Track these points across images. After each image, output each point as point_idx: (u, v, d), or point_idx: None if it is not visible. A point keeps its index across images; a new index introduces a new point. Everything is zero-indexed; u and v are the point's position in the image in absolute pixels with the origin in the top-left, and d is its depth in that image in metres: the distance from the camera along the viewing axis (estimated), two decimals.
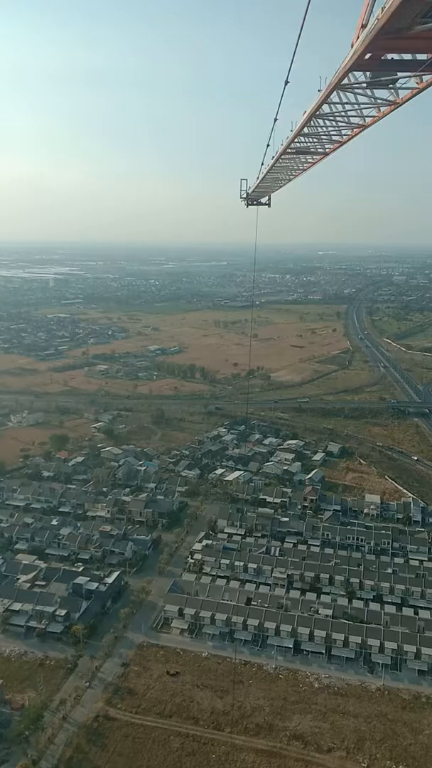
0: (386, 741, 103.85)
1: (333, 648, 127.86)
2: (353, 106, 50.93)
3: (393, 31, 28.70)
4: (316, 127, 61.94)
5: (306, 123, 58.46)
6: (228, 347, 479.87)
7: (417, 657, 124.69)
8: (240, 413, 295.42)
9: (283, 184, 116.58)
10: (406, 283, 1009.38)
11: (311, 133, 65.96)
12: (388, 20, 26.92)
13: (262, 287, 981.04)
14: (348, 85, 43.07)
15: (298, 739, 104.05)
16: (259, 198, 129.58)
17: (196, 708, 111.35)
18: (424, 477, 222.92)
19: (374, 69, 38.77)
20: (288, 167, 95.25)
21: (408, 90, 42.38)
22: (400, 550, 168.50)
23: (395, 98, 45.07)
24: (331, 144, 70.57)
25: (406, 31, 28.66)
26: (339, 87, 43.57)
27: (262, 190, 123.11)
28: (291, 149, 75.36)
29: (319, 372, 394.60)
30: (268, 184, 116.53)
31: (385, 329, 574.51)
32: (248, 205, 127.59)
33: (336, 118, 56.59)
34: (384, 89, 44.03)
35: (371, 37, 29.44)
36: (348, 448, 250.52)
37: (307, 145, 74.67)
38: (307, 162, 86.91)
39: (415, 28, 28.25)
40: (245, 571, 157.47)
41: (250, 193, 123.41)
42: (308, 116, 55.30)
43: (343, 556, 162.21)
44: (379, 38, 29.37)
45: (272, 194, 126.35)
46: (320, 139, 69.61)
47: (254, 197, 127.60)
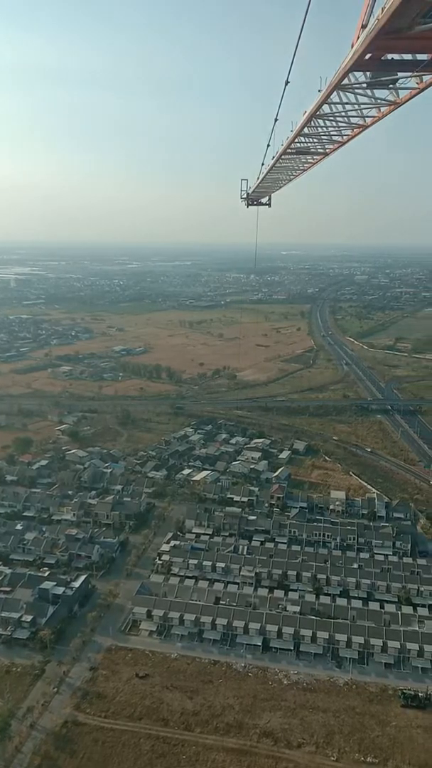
0: (354, 734, 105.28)
1: (301, 644, 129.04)
2: (353, 106, 51.04)
3: (393, 31, 28.92)
4: (317, 128, 62.16)
5: (306, 123, 58.38)
6: (194, 347, 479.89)
7: (383, 650, 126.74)
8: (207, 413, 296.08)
9: (284, 185, 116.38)
10: (367, 283, 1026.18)
11: (311, 133, 66.21)
12: (388, 20, 27.16)
13: (227, 287, 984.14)
14: (348, 85, 43.35)
15: (268, 736, 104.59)
16: (260, 198, 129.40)
17: (165, 709, 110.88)
18: (388, 473, 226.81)
19: (374, 69, 38.97)
20: (288, 167, 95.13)
21: (408, 90, 42.68)
22: (366, 545, 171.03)
23: (395, 98, 45.28)
24: (332, 144, 70.83)
25: (406, 31, 28.83)
26: (339, 87, 43.89)
27: (263, 190, 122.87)
28: (291, 149, 75.47)
29: (285, 371, 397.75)
30: (269, 185, 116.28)
31: (348, 328, 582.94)
32: (248, 205, 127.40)
33: (336, 118, 56.75)
34: (384, 89, 44.24)
35: (371, 37, 29.65)
36: (313, 445, 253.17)
37: (308, 145, 74.85)
38: (307, 162, 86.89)
39: (415, 28, 28.48)
40: (213, 570, 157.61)
41: (250, 194, 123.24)
42: (308, 116, 55.20)
43: (310, 553, 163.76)
44: (379, 38, 29.61)
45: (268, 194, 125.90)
46: (320, 139, 69.83)
47: (254, 197, 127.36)
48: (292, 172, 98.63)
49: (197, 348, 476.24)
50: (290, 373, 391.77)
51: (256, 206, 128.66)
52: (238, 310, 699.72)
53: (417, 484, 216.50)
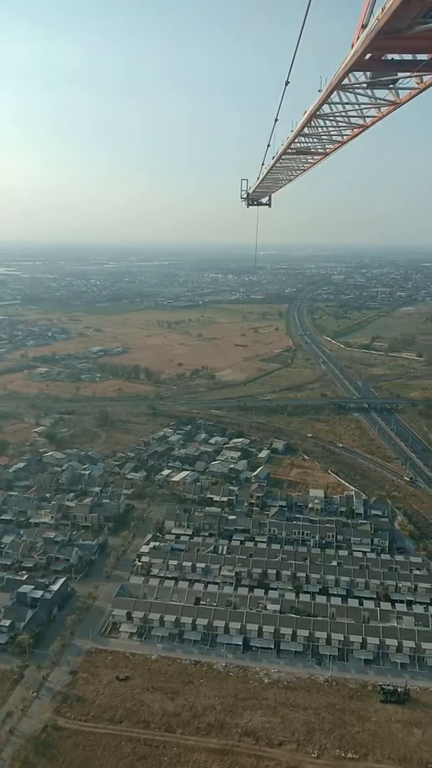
0: (335, 730, 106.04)
1: (282, 642, 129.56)
2: (353, 106, 50.95)
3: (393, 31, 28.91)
4: (317, 128, 61.99)
5: (306, 123, 58.19)
6: (172, 347, 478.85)
7: (363, 647, 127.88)
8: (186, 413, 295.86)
9: (284, 185, 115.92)
10: (344, 282, 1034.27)
11: (312, 133, 66.05)
12: (388, 20, 27.15)
13: (205, 287, 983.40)
14: (348, 85, 43.24)
15: (250, 735, 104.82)
16: (260, 198, 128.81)
17: (146, 711, 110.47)
18: (366, 470, 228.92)
19: (374, 69, 38.91)
20: (288, 167, 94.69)
21: (408, 90, 42.69)
22: (344, 542, 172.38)
23: (395, 98, 45.28)
24: (332, 144, 70.70)
25: (406, 31, 28.83)
26: (339, 87, 43.76)
27: (263, 190, 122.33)
28: (291, 149, 75.28)
29: (263, 370, 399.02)
30: (269, 185, 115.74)
31: (325, 327, 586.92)
32: (249, 205, 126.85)
33: (336, 118, 56.63)
34: (384, 89, 44.16)
35: (371, 37, 29.61)
36: (292, 444, 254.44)
37: (308, 146, 74.68)
38: (307, 162, 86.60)
39: (415, 28, 28.48)
40: (193, 571, 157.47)
41: (250, 193, 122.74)
42: (309, 116, 55.02)
43: (290, 551, 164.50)
44: (379, 38, 29.59)
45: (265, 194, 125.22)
46: (320, 139, 69.68)
47: (255, 197, 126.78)
48: (293, 172, 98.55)
49: (175, 348, 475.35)
50: (269, 373, 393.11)
51: (257, 206, 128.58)
52: (216, 310, 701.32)
53: (394, 481, 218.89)
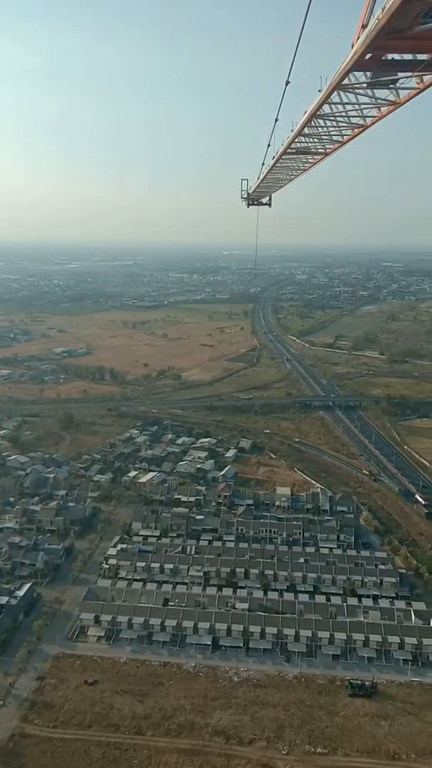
0: (304, 726, 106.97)
1: (250, 641, 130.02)
2: (354, 106, 50.80)
3: (393, 31, 28.82)
4: (317, 127, 61.76)
5: (307, 123, 57.99)
6: (138, 348, 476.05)
7: (330, 642, 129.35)
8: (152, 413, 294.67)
9: (284, 184, 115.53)
10: (307, 282, 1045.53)
11: (312, 133, 65.87)
12: (388, 20, 27.08)
13: (170, 287, 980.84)
14: (348, 85, 43.08)
15: (220, 735, 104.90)
16: (260, 198, 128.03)
17: (116, 715, 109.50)
18: (331, 467, 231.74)
19: (374, 69, 38.75)
20: (289, 167, 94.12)
21: (408, 90, 42.64)
22: (311, 539, 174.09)
23: (396, 98, 45.24)
24: (332, 144, 70.61)
25: (406, 31, 28.77)
26: (339, 87, 43.60)
27: (263, 190, 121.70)
28: (291, 149, 75.05)
29: (229, 370, 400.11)
30: (269, 184, 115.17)
31: (290, 327, 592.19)
32: (249, 205, 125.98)
33: (336, 118, 56.47)
34: (384, 89, 44.04)
35: (371, 37, 29.52)
36: (259, 443, 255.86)
37: (308, 145, 74.51)
38: (307, 162, 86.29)
39: (416, 28, 28.45)
40: (162, 572, 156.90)
41: (251, 193, 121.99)
42: (309, 116, 54.82)
43: (257, 549, 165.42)
44: (379, 38, 29.51)
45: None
46: (321, 139, 69.51)
47: (255, 197, 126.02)
48: (293, 172, 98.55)
49: (141, 348, 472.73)
50: (235, 372, 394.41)
51: (257, 206, 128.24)
52: (181, 309, 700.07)
53: (359, 477, 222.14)
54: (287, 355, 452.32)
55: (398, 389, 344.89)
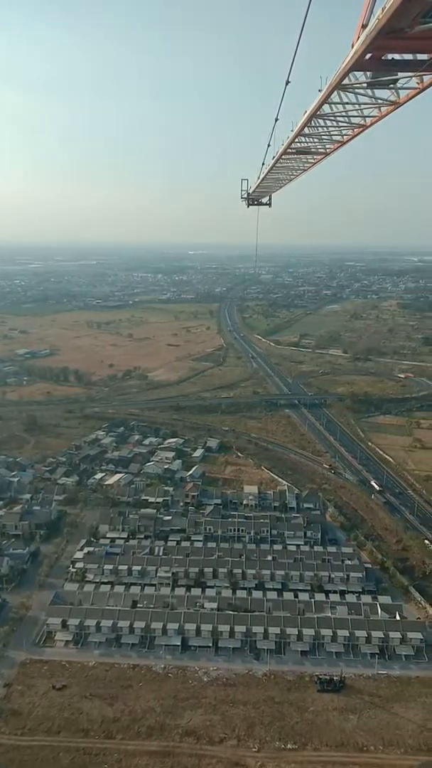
0: (274, 723, 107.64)
1: (220, 640, 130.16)
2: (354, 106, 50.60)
3: (393, 31, 28.84)
4: (317, 127, 61.48)
5: (306, 123, 57.72)
6: (102, 348, 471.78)
7: (299, 638, 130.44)
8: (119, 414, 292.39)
9: (284, 184, 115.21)
10: (272, 282, 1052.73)
11: (312, 133, 65.61)
12: (388, 20, 27.10)
13: (135, 287, 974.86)
14: (348, 85, 42.90)
15: (190, 735, 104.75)
16: (260, 198, 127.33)
17: (85, 719, 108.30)
18: (297, 465, 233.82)
19: (374, 69, 38.58)
20: (289, 167, 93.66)
21: (408, 90, 42.62)
22: (279, 536, 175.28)
23: (396, 98, 45.21)
24: (332, 144, 70.40)
25: (406, 31, 28.79)
26: (339, 87, 43.41)
27: (263, 190, 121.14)
28: (291, 149, 74.74)
29: (196, 370, 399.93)
30: (269, 184, 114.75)
31: (256, 326, 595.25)
32: (249, 205, 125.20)
33: (336, 118, 56.17)
34: (384, 89, 43.94)
35: (371, 37, 29.50)
36: (226, 442, 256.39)
37: (308, 145, 74.25)
38: (307, 162, 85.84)
39: (416, 28, 28.47)
40: (129, 574, 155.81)
41: (250, 193, 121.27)
42: (309, 116, 54.54)
43: (226, 548, 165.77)
44: (379, 38, 29.50)
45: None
46: (321, 139, 69.21)
47: (255, 197, 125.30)
48: (293, 172, 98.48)
49: (106, 349, 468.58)
50: (201, 372, 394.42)
51: (257, 206, 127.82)
52: (147, 309, 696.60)
53: (324, 474, 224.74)
54: (253, 354, 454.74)
55: (362, 387, 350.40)
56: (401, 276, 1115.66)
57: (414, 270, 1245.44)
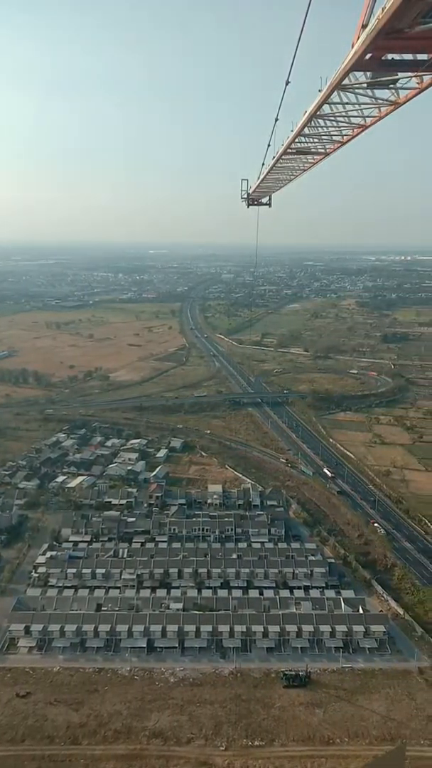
0: (241, 721, 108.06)
1: (186, 640, 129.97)
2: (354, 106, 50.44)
3: (393, 31, 28.79)
4: (317, 127, 61.24)
5: (306, 123, 57.48)
6: (62, 349, 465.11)
7: (264, 635, 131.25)
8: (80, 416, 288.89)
9: (284, 184, 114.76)
10: (233, 281, 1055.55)
11: (312, 133, 65.41)
12: (388, 20, 27.06)
13: (95, 286, 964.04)
14: (348, 85, 42.78)
15: (158, 737, 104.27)
16: (260, 198, 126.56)
17: (50, 726, 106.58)
18: (260, 463, 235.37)
19: (374, 69, 38.47)
20: (289, 167, 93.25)
21: (408, 90, 42.58)
22: (243, 534, 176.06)
23: (396, 98, 45.15)
24: (332, 144, 70.22)
25: (406, 31, 28.77)
26: (339, 87, 43.27)
27: (263, 190, 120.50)
28: (291, 149, 74.49)
29: (158, 369, 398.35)
30: (270, 184, 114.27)
31: (218, 325, 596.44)
32: (249, 205, 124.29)
33: (336, 118, 56.02)
34: (384, 89, 43.84)
35: (371, 37, 29.42)
36: (190, 442, 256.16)
37: (308, 145, 74.00)
38: (307, 162, 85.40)
39: (416, 28, 28.46)
40: (93, 577, 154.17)
41: (251, 194, 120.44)
42: (309, 116, 54.32)
43: (191, 548, 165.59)
44: (379, 38, 29.45)
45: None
46: (321, 139, 69.07)
47: (255, 197, 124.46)
48: (293, 172, 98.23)
49: (66, 350, 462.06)
50: (164, 372, 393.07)
51: (257, 206, 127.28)
52: (107, 309, 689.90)
53: (287, 471, 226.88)
54: (216, 353, 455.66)
55: (322, 384, 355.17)
56: (359, 275, 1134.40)
57: (372, 269, 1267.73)
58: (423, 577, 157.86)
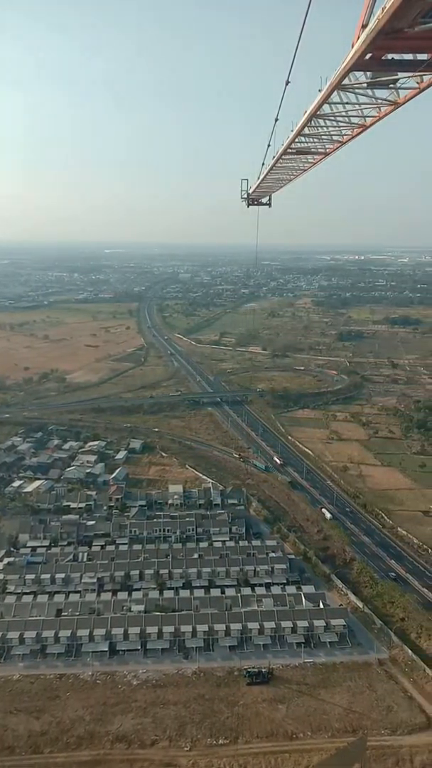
0: (205, 720, 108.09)
1: (148, 642, 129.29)
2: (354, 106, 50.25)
3: (393, 31, 28.85)
4: (317, 127, 60.89)
5: (306, 123, 57.12)
6: (16, 350, 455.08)
7: (227, 634, 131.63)
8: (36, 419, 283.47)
9: (284, 184, 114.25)
10: (191, 281, 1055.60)
11: (312, 133, 65.07)
12: (388, 20, 27.12)
13: (50, 286, 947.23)
14: (348, 85, 42.65)
15: (121, 741, 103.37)
16: (260, 198, 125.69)
17: (10, 736, 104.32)
18: (221, 462, 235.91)
19: (375, 69, 38.40)
20: (289, 167, 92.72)
21: (408, 90, 42.58)
22: (204, 534, 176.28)
23: (396, 98, 45.12)
24: (332, 144, 69.94)
25: (406, 31, 28.80)
26: (339, 87, 43.13)
27: (264, 190, 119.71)
28: (291, 149, 74.14)
29: (116, 370, 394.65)
30: (270, 184, 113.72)
31: (176, 325, 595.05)
32: (249, 205, 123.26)
33: (336, 118, 55.71)
34: (384, 89, 43.75)
35: (371, 37, 29.43)
36: (149, 442, 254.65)
37: (308, 145, 73.72)
38: (307, 162, 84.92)
39: (416, 28, 28.52)
40: (53, 582, 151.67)
41: (250, 194, 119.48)
42: (309, 116, 54.01)
43: (152, 550, 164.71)
44: (379, 38, 29.49)
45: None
46: (321, 139, 68.75)
47: (255, 197, 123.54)
48: (293, 172, 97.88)
49: (20, 351, 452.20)
50: (122, 372, 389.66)
51: (257, 206, 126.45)
52: (63, 310, 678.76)
53: (247, 469, 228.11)
54: (174, 353, 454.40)
55: (280, 382, 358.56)
56: (315, 274, 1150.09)
57: (327, 268, 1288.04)
58: (381, 570, 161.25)
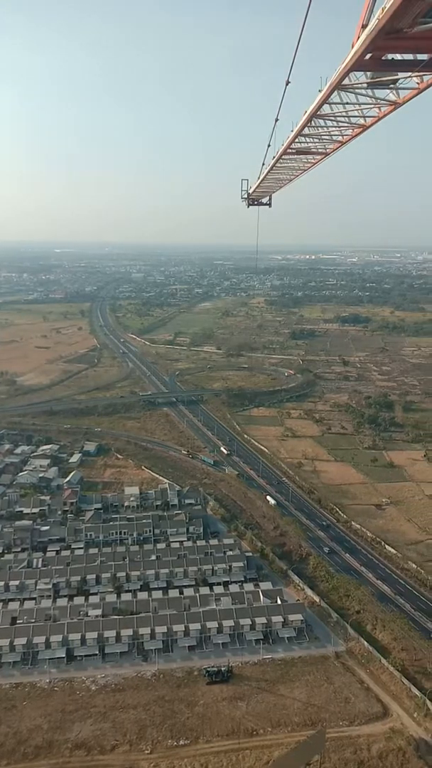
0: (166, 722, 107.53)
1: (106, 646, 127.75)
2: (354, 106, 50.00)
3: (393, 31, 28.61)
4: (317, 127, 60.51)
5: (306, 123, 56.68)
6: None
7: (186, 634, 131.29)
8: None
9: (285, 184, 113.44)
10: (144, 281, 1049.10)
11: (312, 133, 64.70)
12: (388, 20, 26.88)
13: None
14: (349, 85, 42.34)
15: (81, 747, 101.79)
16: (260, 198, 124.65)
17: None
18: (177, 462, 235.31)
19: (375, 69, 38.13)
20: (289, 167, 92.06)
21: (408, 90, 42.45)
22: (162, 535, 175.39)
23: (396, 98, 44.95)
24: (332, 144, 69.60)
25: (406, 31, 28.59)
26: (339, 87, 42.82)
27: (264, 190, 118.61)
28: (291, 149, 73.75)
29: (69, 372, 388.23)
30: (270, 184, 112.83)
31: (129, 325, 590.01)
32: (249, 205, 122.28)
33: (336, 118, 55.45)
34: (384, 89, 43.53)
35: (371, 37, 29.13)
36: (104, 444, 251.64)
37: (308, 145, 73.41)
38: (308, 162, 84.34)
39: (416, 28, 28.35)
40: (7, 590, 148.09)
41: (251, 194, 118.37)
42: (309, 116, 53.58)
43: (108, 553, 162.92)
44: (379, 38, 29.19)
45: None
46: (321, 139, 68.47)
47: (255, 197, 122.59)
48: (293, 172, 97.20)
49: None
50: (75, 374, 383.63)
51: (257, 206, 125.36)
52: (12, 311, 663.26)
53: (204, 469, 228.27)
54: (128, 353, 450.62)
55: (235, 381, 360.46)
56: (267, 274, 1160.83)
57: (279, 268, 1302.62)
58: (336, 564, 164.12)
